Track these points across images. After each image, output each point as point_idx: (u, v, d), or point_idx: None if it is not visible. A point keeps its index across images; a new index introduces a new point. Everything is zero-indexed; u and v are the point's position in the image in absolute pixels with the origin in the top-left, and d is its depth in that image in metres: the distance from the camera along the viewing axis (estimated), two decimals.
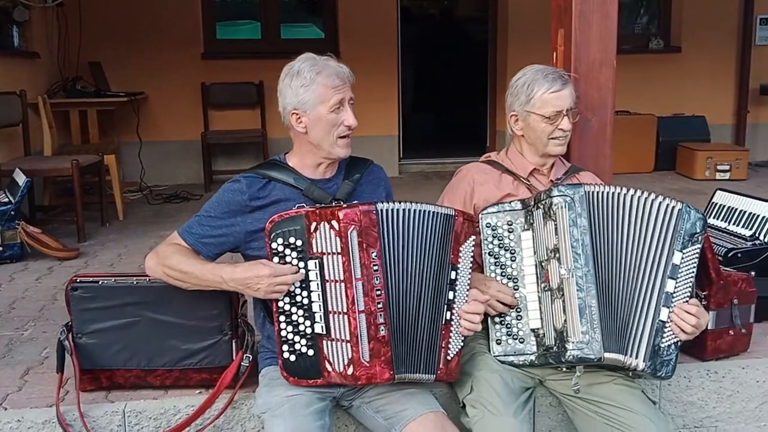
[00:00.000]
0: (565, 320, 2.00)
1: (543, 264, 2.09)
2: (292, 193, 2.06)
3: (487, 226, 2.19)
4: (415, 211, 1.92)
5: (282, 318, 1.92)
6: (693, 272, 2.08)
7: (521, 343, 2.13)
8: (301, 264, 1.89)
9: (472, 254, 2.01)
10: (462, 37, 8.66)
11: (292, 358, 1.92)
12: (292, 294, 1.91)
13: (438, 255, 1.94)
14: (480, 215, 2.21)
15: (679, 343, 2.07)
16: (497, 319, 2.15)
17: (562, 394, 2.20)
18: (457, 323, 1.98)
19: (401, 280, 1.90)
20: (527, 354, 2.12)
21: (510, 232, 2.16)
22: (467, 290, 1.99)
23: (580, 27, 2.49)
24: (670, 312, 2.04)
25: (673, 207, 2.06)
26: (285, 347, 1.92)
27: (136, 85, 5.95)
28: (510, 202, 2.20)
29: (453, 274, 1.95)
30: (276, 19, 6.59)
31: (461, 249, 1.97)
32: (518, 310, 2.14)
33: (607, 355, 1.98)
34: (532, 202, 2.14)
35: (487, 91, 7.26)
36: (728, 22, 6.95)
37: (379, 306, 1.86)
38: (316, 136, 2.03)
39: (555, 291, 2.04)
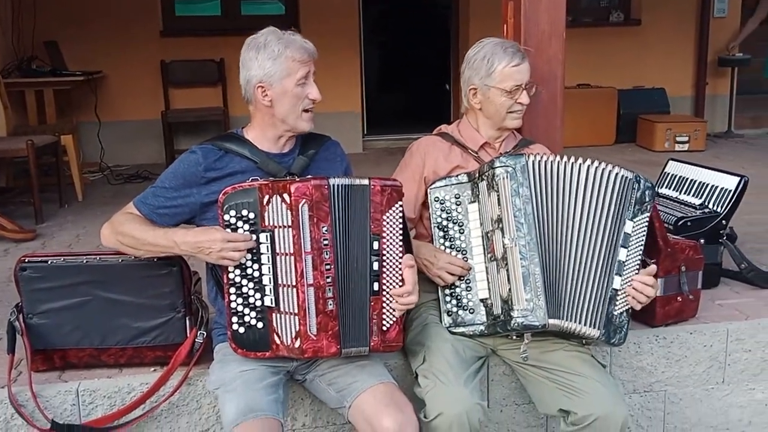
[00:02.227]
0: (510, 289, 2.04)
1: (489, 235, 2.12)
2: (248, 165, 2.06)
3: (435, 200, 2.21)
4: (351, 185, 1.92)
5: (232, 290, 1.93)
6: (643, 240, 2.12)
7: (471, 313, 2.16)
8: (253, 237, 1.90)
9: (401, 221, 1.98)
10: (426, 15, 8.64)
11: (241, 330, 1.93)
12: (243, 266, 1.92)
13: (359, 226, 1.93)
14: (428, 189, 2.24)
15: (630, 311, 2.12)
16: (447, 291, 2.18)
17: (514, 362, 2.25)
18: (388, 294, 1.96)
19: (344, 255, 1.91)
20: (477, 324, 2.15)
21: (458, 205, 2.19)
22: (399, 259, 1.97)
23: None
24: (622, 280, 2.08)
25: (624, 176, 2.09)
26: (234, 319, 1.94)
27: (94, 65, 5.83)
28: (457, 176, 2.22)
29: (375, 245, 1.94)
30: None
31: (385, 218, 1.95)
32: (467, 281, 2.17)
33: (551, 321, 2.03)
34: (477, 174, 2.16)
35: (450, 69, 7.25)
36: None
37: (328, 280, 1.88)
38: (282, 109, 2.03)
39: (500, 261, 2.07)
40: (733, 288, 2.91)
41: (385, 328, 1.97)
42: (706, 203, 2.93)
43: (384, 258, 1.95)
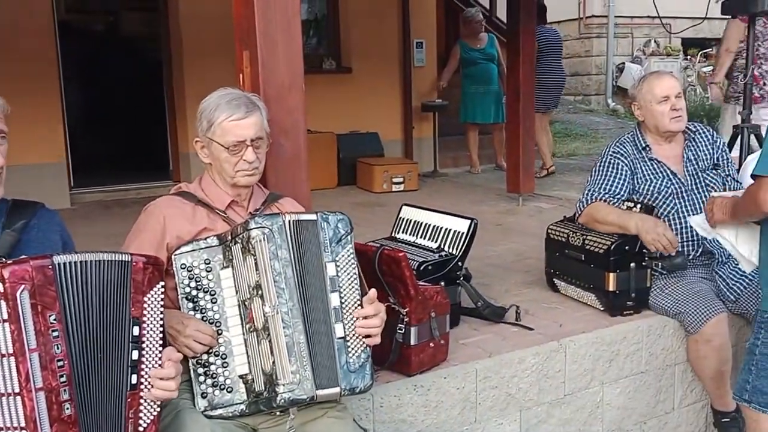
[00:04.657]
0: (274, 362, 1.87)
1: (246, 303, 1.93)
2: None
3: (182, 268, 1.96)
4: (92, 262, 1.63)
5: None
6: (355, 274, 2.03)
7: (229, 392, 1.93)
8: None
9: (161, 304, 1.75)
10: (134, 55, 8.16)
11: None
12: None
13: (116, 309, 1.66)
14: (173, 256, 1.97)
15: (367, 349, 2.03)
16: (201, 371, 1.93)
17: None
18: (148, 388, 1.71)
19: (86, 346, 1.60)
20: (236, 404, 1.93)
21: (208, 271, 1.96)
22: (159, 348, 1.73)
23: (266, 47, 2.38)
24: (346, 326, 1.99)
25: (308, 220, 1.99)
26: None
27: None
28: (206, 238, 1.99)
29: (136, 330, 1.68)
30: None
31: (146, 300, 1.70)
32: (223, 356, 1.94)
33: (319, 392, 1.90)
34: (230, 237, 1.96)
35: (165, 112, 6.88)
36: (390, 45, 7.49)
37: (62, 380, 1.54)
38: None
39: (261, 331, 1.89)
40: (471, 325, 3.03)
41: (141, 429, 1.68)
42: (442, 246, 3.04)
43: (144, 346, 1.68)
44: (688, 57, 12.75)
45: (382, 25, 7.40)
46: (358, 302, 2.02)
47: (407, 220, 3.27)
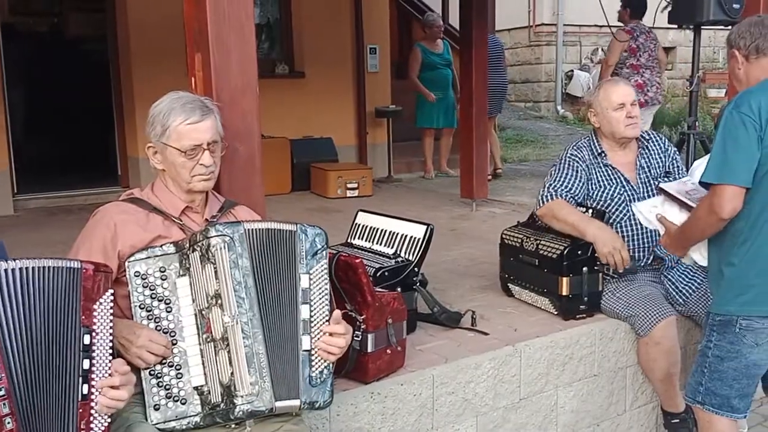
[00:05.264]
0: (232, 373, 1.84)
1: (204, 312, 1.89)
2: None
3: (136, 275, 1.91)
4: (35, 269, 1.58)
5: None
6: (326, 290, 2.03)
7: (183, 404, 1.89)
8: None
9: (111, 312, 1.71)
10: (81, 57, 7.96)
11: None
12: None
13: (64, 318, 1.62)
14: (127, 263, 1.92)
15: (330, 366, 2.02)
16: (154, 382, 1.88)
17: None
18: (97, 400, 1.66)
19: (27, 356, 1.55)
20: (191, 416, 1.89)
21: (164, 279, 1.92)
22: (109, 357, 1.69)
23: (219, 51, 2.35)
24: (312, 339, 1.97)
25: (288, 230, 1.98)
26: None
27: None
28: (162, 246, 1.95)
29: (87, 339, 1.64)
30: None
31: (96, 307, 1.67)
32: (178, 367, 1.89)
33: (278, 404, 1.87)
34: (188, 245, 1.92)
35: (113, 115, 6.73)
36: (344, 50, 7.48)
37: (1, 393, 1.49)
38: None
39: (219, 341, 1.86)
40: (428, 331, 3.03)
41: None
42: (398, 252, 3.03)
43: (95, 355, 1.64)
44: None
45: (335, 30, 7.38)
46: (327, 318, 2.00)
47: (363, 226, 3.26)
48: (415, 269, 2.95)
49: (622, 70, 5.96)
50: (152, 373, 1.89)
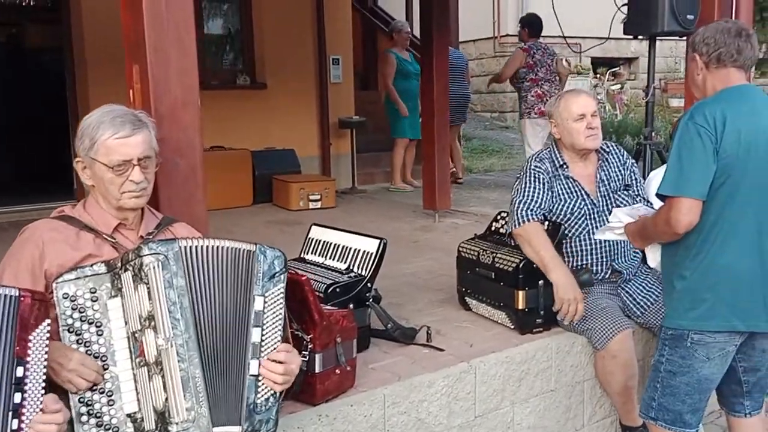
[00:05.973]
0: (167, 398, 1.75)
1: (137, 335, 1.80)
2: None
3: (64, 297, 1.82)
4: None
5: None
6: (281, 314, 1.96)
7: None
8: None
9: (47, 343, 1.62)
10: (38, 69, 7.79)
11: None
12: None
13: None
14: (55, 284, 1.83)
15: (277, 395, 1.94)
16: (84, 410, 1.79)
17: None
18: None
19: None
20: None
21: (94, 301, 1.83)
22: (42, 389, 1.60)
23: (157, 62, 2.26)
24: (261, 365, 1.90)
25: (246, 250, 1.91)
26: None
27: None
28: (92, 265, 1.86)
29: (20, 371, 1.55)
30: None
31: (31, 338, 1.58)
32: (109, 393, 1.81)
33: (216, 430, 1.78)
34: (119, 264, 1.83)
35: (69, 128, 6.58)
36: (306, 61, 7.41)
37: None
38: None
39: (153, 366, 1.77)
40: (382, 348, 2.96)
41: None
42: (351, 267, 2.96)
43: (27, 388, 1.56)
44: (598, 75, 13.18)
45: (297, 40, 7.32)
46: (279, 342, 1.93)
47: (316, 240, 3.19)
48: (368, 284, 2.89)
49: (524, 84, 6.90)
50: (82, 400, 1.80)
